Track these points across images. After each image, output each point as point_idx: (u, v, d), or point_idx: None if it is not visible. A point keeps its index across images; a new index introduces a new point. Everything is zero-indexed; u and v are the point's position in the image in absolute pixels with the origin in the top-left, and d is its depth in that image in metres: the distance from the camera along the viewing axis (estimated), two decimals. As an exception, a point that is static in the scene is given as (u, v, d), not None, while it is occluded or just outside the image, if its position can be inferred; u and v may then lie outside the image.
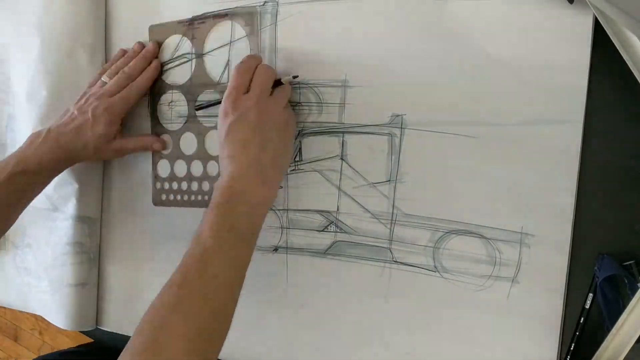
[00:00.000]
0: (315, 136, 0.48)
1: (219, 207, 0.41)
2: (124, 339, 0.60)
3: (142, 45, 0.56)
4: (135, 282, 0.59)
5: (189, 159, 0.55)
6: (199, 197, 0.54)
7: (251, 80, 0.45)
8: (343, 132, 0.47)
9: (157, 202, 0.57)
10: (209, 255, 0.39)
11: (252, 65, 0.46)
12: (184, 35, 0.54)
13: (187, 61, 0.54)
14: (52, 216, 0.60)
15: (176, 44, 0.55)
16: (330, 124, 0.48)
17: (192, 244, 0.40)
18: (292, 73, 0.48)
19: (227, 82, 0.52)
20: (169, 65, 0.55)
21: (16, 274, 0.66)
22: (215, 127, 0.53)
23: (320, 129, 0.48)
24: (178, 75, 0.55)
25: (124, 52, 0.57)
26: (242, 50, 0.51)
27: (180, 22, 0.54)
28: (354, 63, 0.46)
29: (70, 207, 0.59)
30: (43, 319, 0.64)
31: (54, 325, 0.61)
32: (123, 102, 0.53)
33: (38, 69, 0.59)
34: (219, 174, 0.52)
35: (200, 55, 0.53)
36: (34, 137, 0.52)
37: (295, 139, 0.49)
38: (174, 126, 0.55)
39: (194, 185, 0.55)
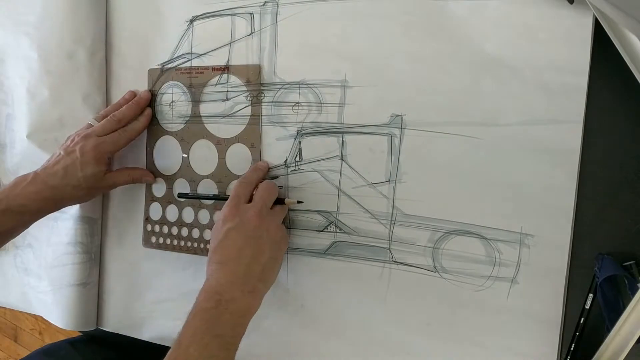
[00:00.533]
0: (315, 136, 0.48)
1: (204, 312, 0.41)
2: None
3: (133, 94, 0.56)
4: (136, 282, 0.59)
5: (181, 205, 0.55)
6: (189, 244, 0.55)
7: (253, 192, 0.47)
8: (343, 132, 0.47)
9: (147, 243, 0.57)
10: None
11: (254, 179, 0.48)
12: (182, 82, 0.54)
13: (187, 61, 0.54)
14: (53, 216, 0.60)
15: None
16: (329, 124, 0.48)
17: (173, 350, 0.39)
18: (298, 198, 0.49)
19: (226, 82, 0.52)
20: (169, 65, 0.55)
21: (16, 274, 0.66)
22: (208, 176, 0.54)
23: (320, 129, 0.48)
24: (179, 75, 0.55)
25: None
26: (242, 50, 0.51)
27: (178, 69, 0.54)
28: (354, 63, 0.46)
29: (71, 208, 0.59)
30: (43, 319, 0.64)
31: (54, 325, 0.61)
32: (112, 144, 0.52)
33: (38, 69, 0.59)
34: (210, 223, 0.53)
35: (199, 56, 0.53)
36: (20, 179, 0.51)
37: (295, 139, 0.49)
38: (169, 169, 0.56)
39: (184, 231, 0.55)
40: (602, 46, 0.38)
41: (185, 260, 0.56)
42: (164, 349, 0.40)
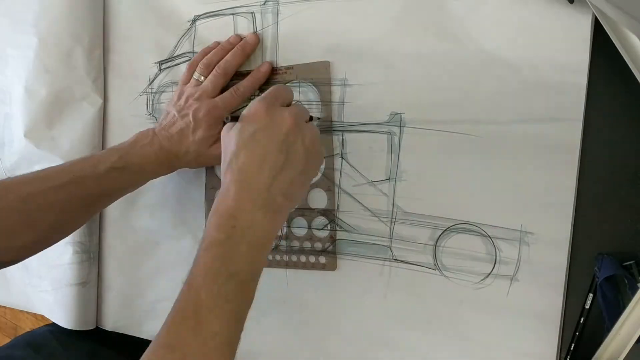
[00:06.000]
0: (315, 135, 0.48)
1: (216, 246, 0.34)
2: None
3: (239, 37, 0.51)
4: (135, 281, 0.59)
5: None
6: (303, 259, 0.50)
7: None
8: (342, 131, 0.47)
9: None
10: (204, 311, 0.33)
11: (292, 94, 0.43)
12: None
13: (188, 60, 0.54)
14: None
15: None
16: (329, 122, 0.48)
17: (183, 293, 0.34)
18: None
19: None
20: (169, 64, 0.55)
21: (17, 274, 0.65)
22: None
23: (320, 127, 0.48)
24: (180, 73, 0.55)
25: (217, 44, 0.52)
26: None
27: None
28: (354, 62, 0.46)
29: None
30: (43, 319, 0.64)
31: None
32: (225, 109, 0.48)
33: (36, 68, 0.58)
34: (330, 235, 0.48)
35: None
36: (141, 136, 0.49)
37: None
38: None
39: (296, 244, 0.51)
40: (602, 45, 0.38)
41: (184, 259, 0.55)
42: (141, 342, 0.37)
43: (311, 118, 0.42)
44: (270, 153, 0.36)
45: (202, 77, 0.50)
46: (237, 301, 0.34)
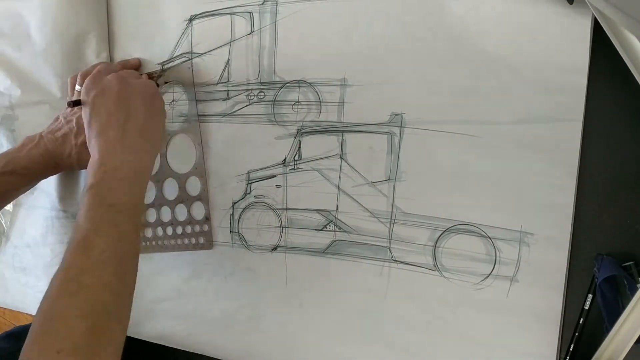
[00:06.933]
0: (314, 135, 0.48)
1: (92, 188, 0.41)
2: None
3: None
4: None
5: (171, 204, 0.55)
6: (186, 241, 0.55)
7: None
8: (342, 131, 0.47)
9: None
10: (90, 236, 0.38)
11: (118, 66, 0.51)
12: None
13: (187, 60, 0.54)
14: (50, 215, 0.60)
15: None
16: (329, 122, 0.48)
17: (73, 229, 0.40)
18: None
19: (227, 81, 0.52)
20: (170, 64, 0.55)
21: (14, 274, 0.65)
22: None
23: (320, 127, 0.48)
24: (179, 74, 0.55)
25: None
26: (242, 49, 0.51)
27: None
28: (353, 62, 0.46)
29: (68, 206, 0.59)
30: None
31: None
32: None
33: (46, 72, 0.59)
34: (205, 217, 0.53)
35: (199, 55, 0.53)
36: (28, 140, 0.53)
37: (294, 138, 0.49)
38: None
39: (179, 230, 0.55)
40: (602, 45, 0.38)
41: (184, 259, 0.56)
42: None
43: (151, 77, 0.52)
44: (112, 111, 0.44)
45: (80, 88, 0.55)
46: (120, 225, 0.40)
